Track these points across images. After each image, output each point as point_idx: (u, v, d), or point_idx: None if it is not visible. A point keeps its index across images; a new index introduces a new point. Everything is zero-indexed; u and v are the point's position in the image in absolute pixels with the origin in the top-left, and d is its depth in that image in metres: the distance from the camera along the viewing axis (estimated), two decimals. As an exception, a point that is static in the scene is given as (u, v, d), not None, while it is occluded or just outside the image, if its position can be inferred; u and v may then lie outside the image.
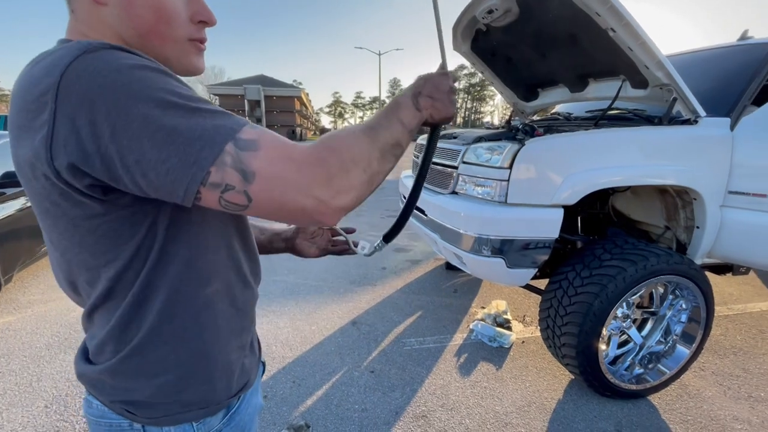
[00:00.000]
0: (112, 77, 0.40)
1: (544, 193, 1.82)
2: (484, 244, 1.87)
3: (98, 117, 0.40)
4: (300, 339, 2.45)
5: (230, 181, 0.43)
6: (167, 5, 0.50)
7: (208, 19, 0.55)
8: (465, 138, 2.28)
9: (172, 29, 0.51)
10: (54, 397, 1.91)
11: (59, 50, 0.43)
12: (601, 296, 1.71)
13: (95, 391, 0.57)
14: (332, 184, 0.47)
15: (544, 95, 3.03)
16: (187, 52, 0.54)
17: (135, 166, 0.41)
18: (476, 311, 2.80)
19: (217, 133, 0.42)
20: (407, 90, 0.64)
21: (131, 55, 0.44)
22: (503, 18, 2.30)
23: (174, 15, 0.51)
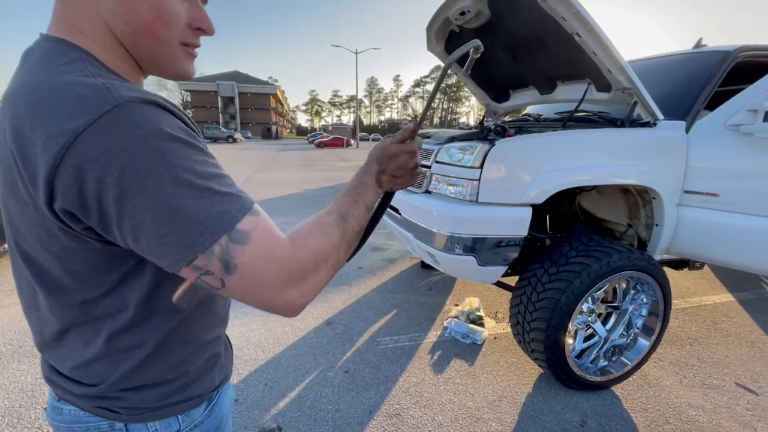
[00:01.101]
0: (135, 144, 0.40)
1: (513, 192, 1.86)
2: (456, 242, 1.90)
3: (108, 178, 0.39)
4: (273, 340, 2.41)
5: (212, 268, 0.44)
6: (168, 5, 0.48)
7: (207, 27, 0.54)
8: (438, 138, 2.30)
9: (168, 31, 0.50)
10: (6, 409, 1.80)
11: (85, 86, 0.42)
12: (568, 292, 1.77)
13: (76, 399, 0.56)
14: (304, 285, 0.49)
15: (516, 97, 3.10)
16: (179, 57, 0.53)
17: (130, 231, 0.42)
18: (450, 309, 2.84)
19: (219, 222, 0.43)
20: (370, 164, 0.64)
21: (162, 116, 0.43)
22: (475, 20, 2.34)
23: (173, 17, 0.49)
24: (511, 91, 3.12)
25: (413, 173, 0.67)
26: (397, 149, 0.64)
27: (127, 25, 0.48)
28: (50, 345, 0.55)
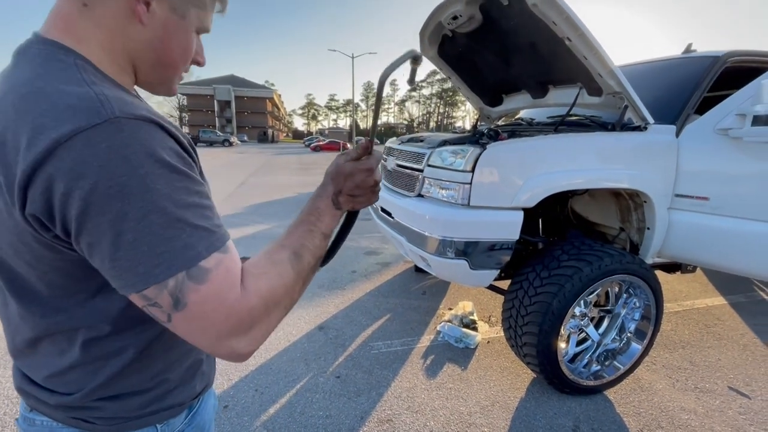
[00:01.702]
0: (115, 163, 0.39)
1: (505, 195, 1.86)
2: (448, 246, 1.89)
3: (77, 191, 0.38)
4: (264, 346, 2.38)
5: (161, 302, 0.42)
6: (191, 47, 0.55)
7: (203, 62, 0.60)
8: (431, 142, 2.30)
9: (183, 66, 0.56)
10: None
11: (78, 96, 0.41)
12: (559, 296, 1.76)
13: (49, 409, 0.54)
14: (252, 333, 0.47)
15: (509, 101, 3.12)
16: (175, 84, 0.59)
17: (86, 246, 0.41)
18: (443, 313, 2.83)
19: (180, 256, 0.42)
20: (325, 185, 0.61)
21: (154, 137, 0.43)
22: (468, 24, 2.35)
23: (189, 57, 0.56)
24: (504, 95, 3.13)
25: (374, 191, 0.63)
26: (351, 167, 0.61)
27: (156, 58, 0.53)
28: (22, 352, 0.54)
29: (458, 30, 2.44)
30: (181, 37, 0.53)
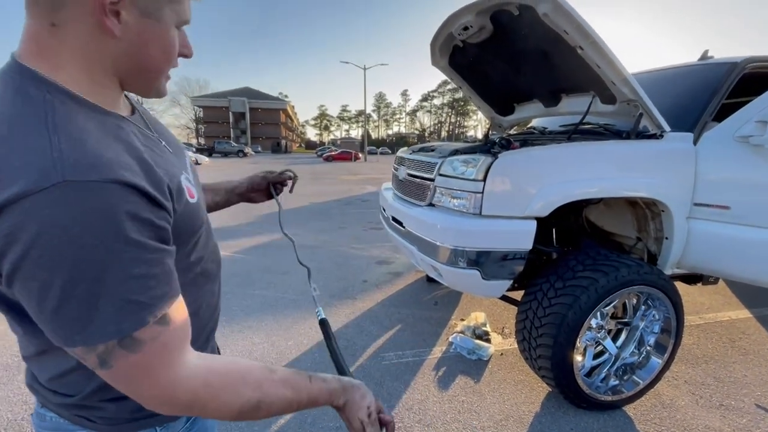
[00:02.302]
0: (52, 233, 0.37)
1: (517, 205, 1.84)
2: (459, 255, 1.87)
3: (9, 254, 0.38)
4: (276, 354, 2.39)
5: (87, 360, 0.42)
6: (174, 45, 0.52)
7: (190, 53, 0.57)
8: (442, 151, 2.30)
9: (169, 65, 0.54)
10: (9, 422, 1.79)
11: (34, 152, 0.39)
12: (575, 307, 1.72)
13: (55, 407, 0.56)
14: (176, 409, 0.47)
15: (520, 110, 3.10)
16: (163, 83, 0.56)
17: (18, 297, 0.41)
18: (456, 323, 2.79)
19: (107, 328, 0.40)
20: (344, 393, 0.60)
21: (106, 202, 0.40)
22: (478, 35, 2.36)
23: (174, 52, 0.53)
24: (515, 104, 3.12)
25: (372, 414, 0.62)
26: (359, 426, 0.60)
27: (137, 66, 0.50)
28: (29, 358, 0.56)
29: (469, 40, 2.45)
30: (160, 39, 0.50)
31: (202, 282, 0.64)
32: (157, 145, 0.56)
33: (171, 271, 0.47)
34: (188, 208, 0.54)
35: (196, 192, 0.60)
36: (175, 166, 0.57)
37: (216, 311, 0.71)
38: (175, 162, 0.58)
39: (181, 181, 0.54)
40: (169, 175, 0.51)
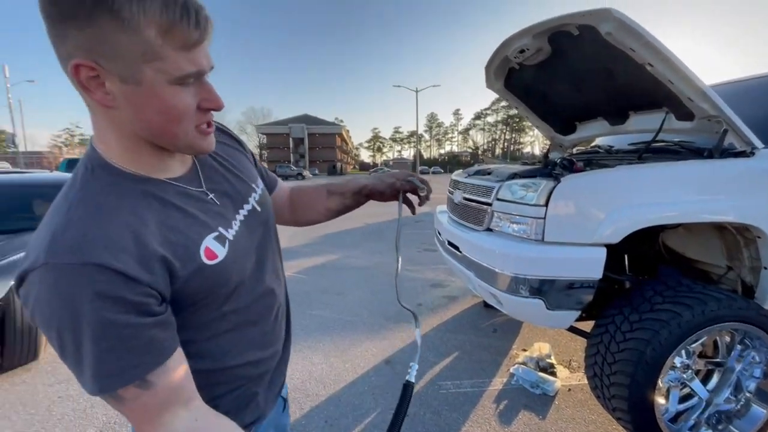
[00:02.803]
0: (40, 306, 0.45)
1: (584, 231, 1.74)
2: (521, 283, 1.81)
3: (26, 312, 0.48)
4: (333, 376, 2.44)
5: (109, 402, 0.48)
6: (177, 105, 0.50)
7: (216, 106, 0.54)
8: (499, 174, 2.27)
9: (182, 125, 0.52)
10: (104, 424, 2.01)
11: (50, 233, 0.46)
12: (654, 343, 1.57)
13: None
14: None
15: (583, 129, 2.97)
16: (194, 139, 0.54)
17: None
18: (517, 353, 2.66)
19: (95, 382, 0.46)
20: None
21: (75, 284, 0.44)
22: (535, 56, 2.33)
23: (183, 113, 0.51)
24: (577, 123, 3.00)
25: None
26: None
27: (146, 131, 0.52)
28: None
29: (525, 62, 2.43)
30: (150, 102, 0.48)
31: (247, 327, 0.66)
32: (194, 204, 0.58)
33: (152, 340, 0.48)
34: (205, 271, 0.55)
35: (225, 252, 0.59)
36: (206, 225, 0.58)
37: (271, 348, 0.72)
38: (211, 220, 0.59)
39: (201, 245, 0.55)
40: (181, 242, 0.53)
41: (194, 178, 0.62)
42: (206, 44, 0.50)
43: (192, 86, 0.51)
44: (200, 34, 0.48)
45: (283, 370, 0.80)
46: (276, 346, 0.74)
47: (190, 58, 0.48)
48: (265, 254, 0.71)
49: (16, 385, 2.36)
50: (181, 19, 0.45)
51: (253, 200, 0.70)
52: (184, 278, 0.53)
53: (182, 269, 0.52)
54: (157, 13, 0.44)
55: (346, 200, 0.94)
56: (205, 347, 0.60)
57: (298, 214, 0.98)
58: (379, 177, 0.94)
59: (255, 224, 0.69)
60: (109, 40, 0.43)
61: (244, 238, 0.65)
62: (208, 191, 0.62)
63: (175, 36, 0.45)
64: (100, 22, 0.42)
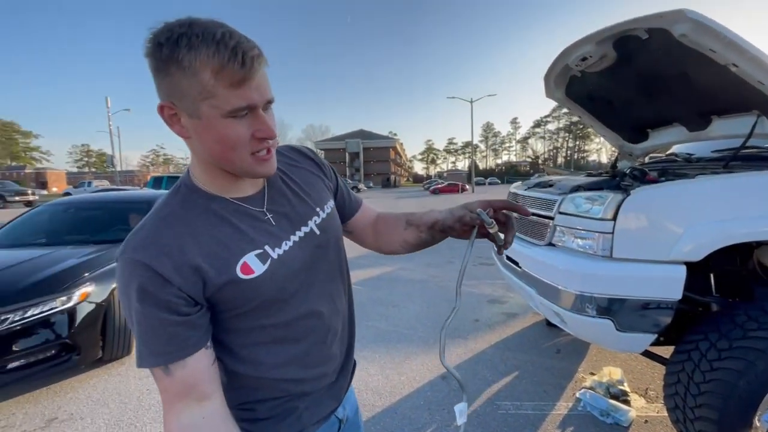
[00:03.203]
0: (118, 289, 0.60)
1: (659, 247, 1.61)
2: (587, 302, 1.71)
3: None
4: (389, 388, 2.46)
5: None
6: (230, 135, 0.56)
7: (267, 135, 0.59)
8: (561, 187, 2.18)
9: (237, 152, 0.58)
10: (183, 418, 2.22)
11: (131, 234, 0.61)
12: (748, 375, 1.39)
13: None
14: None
15: (656, 136, 2.75)
16: (251, 165, 0.61)
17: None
18: (584, 377, 2.48)
19: (137, 358, 0.58)
20: None
21: (128, 275, 0.56)
22: (599, 63, 2.23)
23: (237, 141, 0.57)
24: (649, 130, 2.79)
25: None
26: None
27: (209, 156, 0.60)
28: None
29: (588, 70, 2.33)
30: (210, 133, 0.56)
31: (287, 343, 0.69)
32: (249, 222, 0.65)
33: (176, 336, 0.56)
34: (238, 284, 0.61)
35: (263, 269, 0.63)
36: (252, 242, 0.64)
37: (316, 369, 0.73)
38: (260, 237, 0.65)
39: (240, 259, 0.62)
40: (222, 255, 0.61)
41: (259, 199, 0.68)
42: (256, 81, 0.55)
43: (246, 118, 0.57)
44: (246, 72, 0.53)
45: (338, 395, 0.80)
46: (323, 368, 0.74)
47: (239, 94, 0.54)
48: (316, 277, 0.72)
49: (112, 376, 2.69)
50: (229, 60, 0.52)
51: (313, 223, 0.73)
52: (217, 287, 0.59)
53: (216, 278, 0.59)
54: (209, 58, 0.51)
55: (422, 234, 0.86)
56: (243, 353, 0.66)
57: (381, 241, 0.93)
58: (450, 210, 0.82)
59: (310, 247, 0.71)
60: (178, 85, 0.53)
61: (293, 258, 0.68)
62: (267, 211, 0.68)
63: (224, 76, 0.52)
64: (171, 71, 0.53)
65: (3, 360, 2.20)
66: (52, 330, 2.36)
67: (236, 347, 0.66)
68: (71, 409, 2.32)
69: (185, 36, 0.51)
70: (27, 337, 2.27)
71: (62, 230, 3.47)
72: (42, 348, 2.32)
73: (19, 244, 3.19)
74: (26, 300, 2.31)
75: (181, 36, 0.51)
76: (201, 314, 0.60)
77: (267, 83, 0.58)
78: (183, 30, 0.52)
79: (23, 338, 2.26)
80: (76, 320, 2.45)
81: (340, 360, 0.80)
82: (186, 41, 0.51)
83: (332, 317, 0.75)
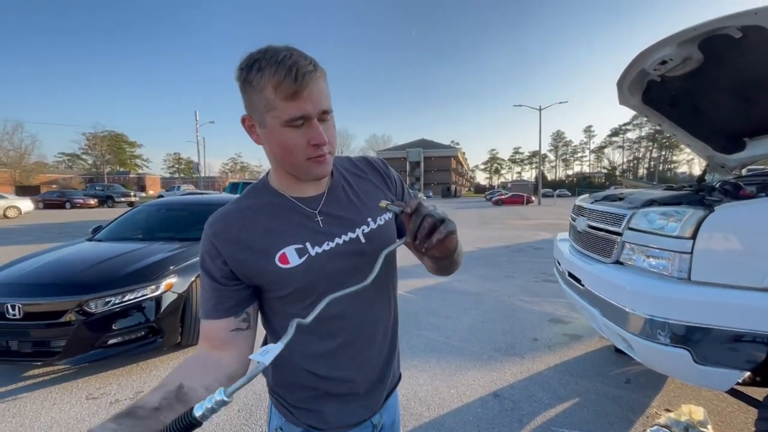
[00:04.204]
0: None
1: (750, 271, 1.42)
2: (659, 328, 1.55)
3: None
4: (438, 400, 2.43)
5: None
6: (287, 142, 0.65)
7: (319, 142, 0.66)
8: (633, 200, 2.01)
9: (295, 157, 0.67)
10: (244, 405, 2.40)
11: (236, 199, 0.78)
12: None
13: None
14: None
15: (755, 146, 2.43)
16: (308, 168, 0.69)
17: None
18: (658, 413, 2.22)
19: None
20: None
21: (205, 241, 0.71)
22: (682, 66, 2.05)
23: (294, 147, 0.66)
24: (746, 139, 2.46)
25: None
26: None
27: (274, 159, 0.72)
28: None
29: (669, 74, 2.14)
30: (273, 140, 0.66)
31: (308, 337, 0.73)
32: (299, 219, 0.73)
33: (210, 299, 0.70)
34: (274, 271, 0.70)
35: (299, 262, 0.71)
36: (296, 236, 0.72)
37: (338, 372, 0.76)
38: (304, 234, 0.72)
39: (281, 249, 0.71)
40: (267, 242, 0.71)
41: (316, 201, 0.76)
42: (309, 93, 0.62)
43: (302, 127, 0.65)
44: (298, 86, 0.61)
45: (372, 406, 0.81)
46: (351, 373, 0.77)
47: (294, 105, 0.62)
48: (349, 282, 0.68)
49: (188, 360, 3.00)
50: (285, 77, 0.61)
51: (360, 231, 0.77)
52: (256, 269, 0.70)
53: (256, 261, 0.70)
54: (271, 77, 0.61)
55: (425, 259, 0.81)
56: (276, 329, 0.77)
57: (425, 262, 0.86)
58: None
59: (351, 252, 0.75)
60: (251, 100, 0.65)
61: (330, 259, 0.73)
62: (319, 213, 0.75)
63: (281, 90, 0.61)
64: (246, 89, 0.65)
65: (105, 336, 2.58)
66: (143, 314, 2.71)
67: (278, 327, 0.77)
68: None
69: (258, 61, 0.62)
70: (123, 318, 2.64)
71: (155, 228, 3.98)
72: (134, 329, 2.68)
73: (121, 238, 3.72)
74: (125, 286, 2.68)
75: (255, 61, 0.62)
76: (237, 289, 0.71)
77: (323, 95, 0.65)
78: (258, 56, 0.63)
79: (121, 319, 2.62)
80: (162, 307, 2.79)
81: (377, 371, 0.81)
82: (257, 65, 0.62)
83: (366, 325, 0.78)
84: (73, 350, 2.51)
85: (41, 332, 2.51)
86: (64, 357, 2.50)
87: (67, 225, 13.81)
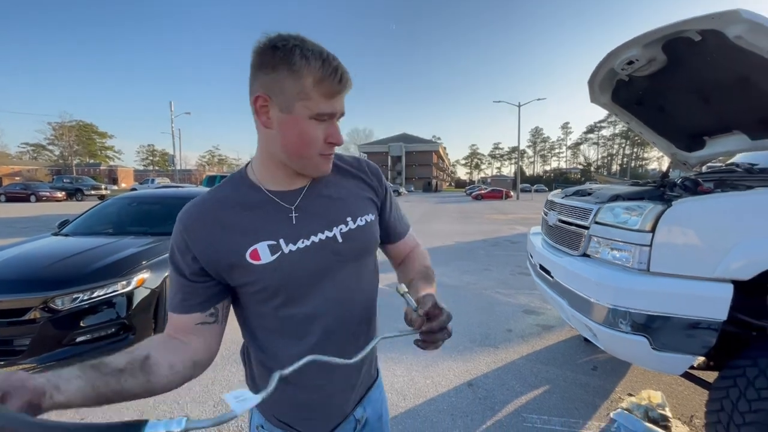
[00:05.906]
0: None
1: (702, 262, 1.51)
2: (621, 317, 1.63)
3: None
4: (414, 391, 2.48)
5: None
6: (310, 133, 0.66)
7: (336, 141, 0.69)
8: (599, 195, 2.09)
9: (310, 150, 0.68)
10: (221, 400, 2.38)
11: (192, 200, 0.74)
12: (802, 409, 1.26)
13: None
14: None
15: (713, 144, 2.56)
16: (318, 163, 0.70)
17: None
18: (621, 398, 2.34)
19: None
20: None
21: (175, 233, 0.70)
22: (647, 67, 2.13)
23: (313, 140, 0.66)
24: (706, 138, 2.59)
25: None
26: None
27: (282, 149, 0.68)
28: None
29: (636, 74, 2.22)
30: (295, 128, 0.65)
31: (277, 336, 0.74)
32: (273, 214, 0.71)
33: (179, 292, 0.69)
34: (245, 267, 0.68)
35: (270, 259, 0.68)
36: (268, 233, 0.69)
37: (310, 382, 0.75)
38: (278, 230, 0.70)
39: (252, 245, 0.68)
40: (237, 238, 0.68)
41: (294, 196, 0.73)
42: (343, 96, 0.67)
43: (324, 124, 0.66)
44: (341, 88, 0.65)
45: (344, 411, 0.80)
46: (316, 382, 0.75)
47: (329, 103, 0.65)
48: (322, 282, 0.73)
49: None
50: (330, 75, 0.63)
51: (338, 230, 0.74)
52: (227, 265, 0.68)
53: (226, 257, 0.68)
54: (316, 69, 0.62)
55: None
56: (260, 337, 0.75)
57: (398, 275, 0.96)
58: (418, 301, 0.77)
59: (326, 252, 0.73)
60: (281, 82, 0.63)
61: (303, 257, 0.71)
62: (295, 209, 0.72)
63: (323, 85, 0.63)
64: (279, 70, 0.62)
65: (73, 334, 2.49)
66: (114, 310, 2.64)
67: (249, 324, 0.76)
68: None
69: (299, 47, 0.62)
70: (92, 314, 2.56)
71: (126, 222, 3.86)
72: (104, 326, 2.60)
73: (90, 233, 3.59)
74: (94, 282, 2.60)
75: (295, 46, 0.62)
76: (206, 286, 0.70)
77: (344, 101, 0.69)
78: (297, 42, 0.63)
79: (89, 315, 2.55)
80: (134, 303, 2.72)
81: (350, 376, 0.80)
82: (299, 51, 0.62)
83: (340, 326, 0.75)
84: (39, 349, 2.42)
85: (3, 330, 2.41)
86: (29, 356, 2.40)
87: (31, 219, 13.17)
